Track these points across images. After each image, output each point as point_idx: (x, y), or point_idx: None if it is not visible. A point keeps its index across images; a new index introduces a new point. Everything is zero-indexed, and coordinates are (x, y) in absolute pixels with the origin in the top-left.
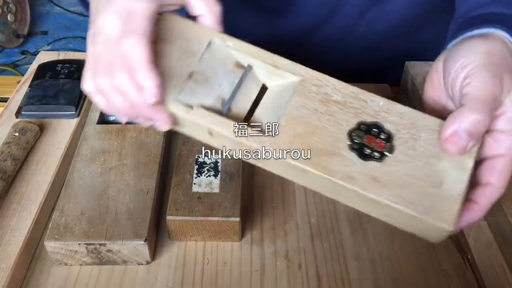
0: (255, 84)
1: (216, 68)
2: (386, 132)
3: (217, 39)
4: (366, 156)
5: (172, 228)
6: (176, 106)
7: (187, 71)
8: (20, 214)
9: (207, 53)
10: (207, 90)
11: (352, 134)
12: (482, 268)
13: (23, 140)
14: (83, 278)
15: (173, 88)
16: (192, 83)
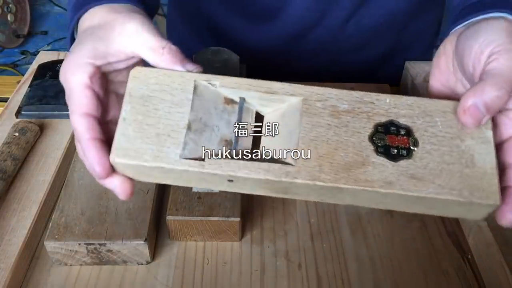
0: (249, 118)
1: (209, 111)
2: (403, 127)
3: (201, 81)
4: (395, 157)
5: (172, 228)
6: (186, 164)
7: (184, 123)
8: (20, 214)
9: (196, 99)
10: (208, 136)
11: (373, 139)
12: (482, 268)
13: (23, 140)
14: (83, 278)
15: (175, 146)
16: (193, 134)
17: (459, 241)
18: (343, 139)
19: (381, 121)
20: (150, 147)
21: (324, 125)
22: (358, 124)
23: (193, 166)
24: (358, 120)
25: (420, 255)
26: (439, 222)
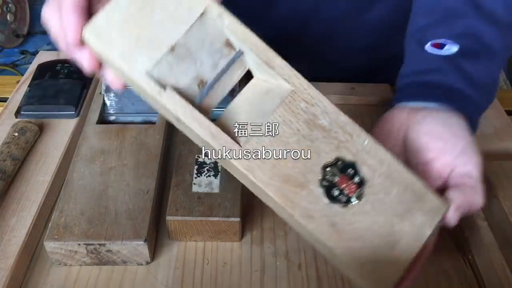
0: (239, 71)
1: (202, 44)
2: (360, 176)
3: (212, 11)
4: (333, 198)
5: (172, 228)
6: (147, 81)
7: (170, 42)
8: (19, 214)
9: (196, 25)
10: (186, 67)
11: (326, 169)
12: (483, 268)
13: (23, 140)
14: (82, 279)
15: (148, 58)
16: (172, 57)
17: (460, 241)
18: (300, 152)
19: (345, 157)
20: (124, 45)
21: (294, 128)
22: (323, 147)
23: (152, 88)
24: (326, 143)
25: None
26: None
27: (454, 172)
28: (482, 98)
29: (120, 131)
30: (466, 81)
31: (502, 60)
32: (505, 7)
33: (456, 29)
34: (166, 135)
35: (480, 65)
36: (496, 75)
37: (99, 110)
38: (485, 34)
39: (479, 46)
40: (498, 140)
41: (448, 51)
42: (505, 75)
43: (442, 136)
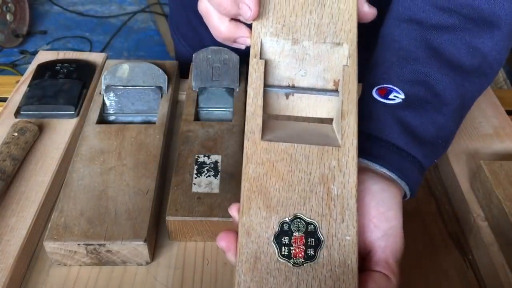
0: (321, 99)
1: (319, 62)
2: (315, 254)
3: (350, 52)
4: (280, 248)
5: (172, 228)
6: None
7: (300, 38)
8: (19, 214)
9: (327, 47)
10: (294, 63)
11: (294, 220)
12: (483, 268)
13: (22, 140)
14: (82, 279)
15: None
16: (292, 46)
17: (460, 242)
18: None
19: (319, 231)
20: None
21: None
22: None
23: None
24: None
25: (420, 255)
26: (440, 222)
27: (373, 254)
28: (427, 154)
29: (120, 131)
30: (408, 137)
31: (459, 110)
32: (468, 51)
33: (405, 74)
34: (166, 135)
35: (427, 117)
36: (448, 126)
37: (99, 110)
38: (436, 82)
39: (428, 95)
40: (498, 140)
41: (392, 101)
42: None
43: (369, 212)
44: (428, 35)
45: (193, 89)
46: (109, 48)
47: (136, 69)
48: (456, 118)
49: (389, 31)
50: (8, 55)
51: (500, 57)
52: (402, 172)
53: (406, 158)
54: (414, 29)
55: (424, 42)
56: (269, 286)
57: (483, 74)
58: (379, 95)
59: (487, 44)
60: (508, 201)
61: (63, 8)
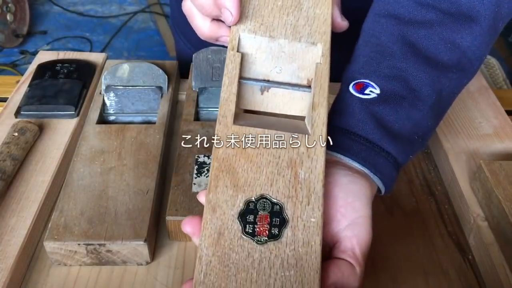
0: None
1: (293, 60)
2: (279, 233)
3: (323, 49)
4: (244, 226)
5: (172, 228)
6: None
7: (276, 36)
8: (19, 214)
9: (301, 45)
10: (269, 60)
11: (260, 200)
12: (483, 268)
13: (23, 140)
14: (82, 279)
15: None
16: (270, 43)
17: (460, 242)
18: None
19: (284, 211)
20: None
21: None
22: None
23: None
24: (285, 186)
25: (420, 255)
26: (440, 222)
27: (339, 244)
28: (402, 150)
29: (120, 131)
30: (382, 132)
31: (436, 106)
32: (446, 46)
33: (382, 69)
34: (166, 135)
35: (402, 112)
36: (425, 122)
37: (99, 110)
38: (412, 77)
39: (404, 90)
40: (498, 140)
41: (368, 96)
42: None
43: (336, 202)
44: (405, 30)
45: (193, 89)
46: (109, 48)
47: (136, 69)
48: (434, 115)
49: (370, 26)
50: (8, 55)
51: (480, 53)
52: (375, 167)
53: (380, 154)
54: (392, 24)
55: (401, 37)
56: (231, 261)
57: (462, 69)
58: (355, 90)
59: (466, 39)
60: (508, 201)
61: (63, 8)
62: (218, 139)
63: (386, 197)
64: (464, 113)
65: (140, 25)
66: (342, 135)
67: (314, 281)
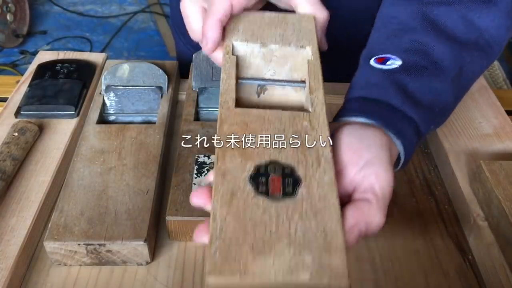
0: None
1: (285, 62)
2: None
3: (313, 52)
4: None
5: (172, 228)
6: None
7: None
8: (19, 214)
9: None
10: (263, 65)
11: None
12: (483, 268)
13: (23, 140)
14: (82, 279)
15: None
16: (262, 50)
17: (460, 242)
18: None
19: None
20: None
21: (282, 128)
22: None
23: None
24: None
25: (420, 255)
26: (440, 222)
27: (357, 186)
28: (424, 118)
29: (120, 131)
30: (404, 98)
31: (455, 80)
32: (464, 24)
33: (403, 43)
34: (166, 135)
35: (424, 82)
36: (446, 95)
37: (99, 110)
38: (433, 50)
39: (425, 62)
40: (498, 140)
41: (389, 66)
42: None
43: (351, 148)
44: (425, 8)
45: (193, 89)
46: (109, 48)
47: (136, 69)
48: (454, 90)
49: (387, 10)
50: (8, 55)
51: (498, 36)
52: (398, 131)
53: (403, 119)
54: (411, 4)
55: (421, 14)
56: (247, 217)
57: (481, 50)
58: (376, 63)
59: (484, 20)
60: (508, 201)
61: (63, 8)
62: (221, 120)
63: None
64: (464, 113)
65: (140, 25)
66: (365, 102)
67: (337, 231)
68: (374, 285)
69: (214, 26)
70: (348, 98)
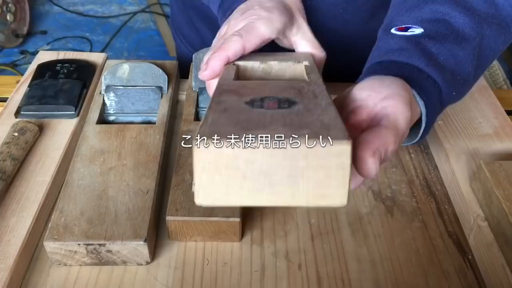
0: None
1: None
2: (289, 103)
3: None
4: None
5: (172, 228)
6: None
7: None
8: (19, 214)
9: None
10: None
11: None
12: (483, 268)
13: (22, 140)
14: (82, 279)
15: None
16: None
17: (460, 242)
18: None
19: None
20: None
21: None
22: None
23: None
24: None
25: (420, 255)
26: (440, 222)
27: (375, 116)
28: (447, 81)
29: (120, 131)
30: (428, 60)
31: (475, 50)
32: (482, 1)
33: (423, 14)
34: (166, 135)
35: (446, 47)
36: (467, 64)
37: (99, 110)
38: (454, 20)
39: (446, 30)
40: (498, 140)
41: (412, 32)
42: (505, 75)
43: (370, 87)
44: None
45: (193, 89)
46: (109, 48)
47: (136, 69)
48: (474, 61)
49: None
50: (9, 55)
51: None
52: (422, 89)
53: (428, 79)
54: None
55: None
56: (241, 117)
57: (499, 25)
58: (398, 31)
59: None
60: (508, 201)
61: (63, 8)
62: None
63: (386, 197)
64: (464, 113)
65: (140, 25)
66: (383, 65)
67: (336, 120)
68: (374, 285)
69: (221, 60)
70: (367, 66)
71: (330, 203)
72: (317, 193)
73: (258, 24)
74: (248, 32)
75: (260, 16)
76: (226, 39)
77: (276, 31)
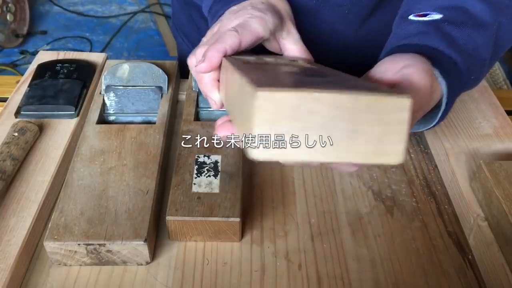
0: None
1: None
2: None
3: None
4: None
5: (172, 228)
6: None
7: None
8: (19, 214)
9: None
10: None
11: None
12: (483, 268)
13: (22, 140)
14: (82, 279)
15: None
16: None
17: (460, 241)
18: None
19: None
20: None
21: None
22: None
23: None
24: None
25: (420, 255)
26: (440, 222)
27: (394, 82)
28: (465, 64)
29: (120, 131)
30: (449, 42)
31: (493, 37)
32: None
33: (441, 2)
34: (166, 135)
35: (465, 32)
36: (484, 50)
37: (99, 110)
38: (472, 7)
39: (464, 16)
40: (498, 140)
41: (431, 18)
42: (505, 75)
43: (390, 61)
44: None
45: (193, 89)
46: (109, 48)
47: (136, 69)
48: (491, 47)
49: None
50: (9, 55)
51: None
52: (444, 69)
53: (449, 60)
54: None
55: None
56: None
57: None
58: (417, 17)
59: None
60: (508, 201)
61: (63, 8)
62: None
63: (386, 197)
64: (464, 113)
65: (140, 25)
66: (403, 48)
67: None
68: (374, 285)
69: (219, 51)
70: (385, 52)
71: (386, 160)
72: (375, 149)
73: (252, 22)
74: (244, 28)
75: (254, 15)
76: (222, 33)
77: (269, 31)
